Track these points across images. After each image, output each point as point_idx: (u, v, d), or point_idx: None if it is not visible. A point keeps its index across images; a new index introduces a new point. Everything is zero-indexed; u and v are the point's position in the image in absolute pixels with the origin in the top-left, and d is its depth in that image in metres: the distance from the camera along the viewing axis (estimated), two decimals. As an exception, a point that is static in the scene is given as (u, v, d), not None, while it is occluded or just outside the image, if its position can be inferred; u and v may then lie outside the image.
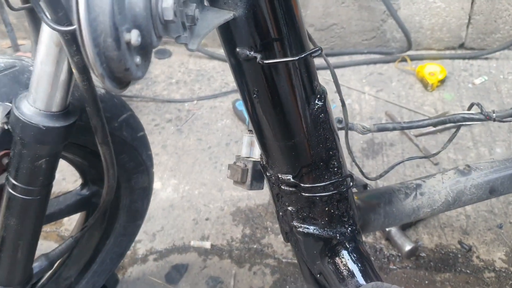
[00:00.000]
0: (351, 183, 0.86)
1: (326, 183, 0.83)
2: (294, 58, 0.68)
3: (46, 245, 1.65)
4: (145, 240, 1.61)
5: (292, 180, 0.82)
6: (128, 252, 1.55)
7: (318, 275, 0.93)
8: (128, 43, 0.48)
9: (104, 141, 0.80)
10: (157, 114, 2.10)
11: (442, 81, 2.09)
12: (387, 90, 2.12)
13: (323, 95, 0.77)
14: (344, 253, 0.89)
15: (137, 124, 1.11)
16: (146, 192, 1.24)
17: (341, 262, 0.89)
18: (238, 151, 1.14)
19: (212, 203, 1.71)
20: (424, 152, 1.80)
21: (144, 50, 0.52)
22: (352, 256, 0.89)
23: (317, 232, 0.88)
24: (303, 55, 0.68)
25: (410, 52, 2.25)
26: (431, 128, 1.88)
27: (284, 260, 1.51)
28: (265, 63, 0.66)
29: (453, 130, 1.26)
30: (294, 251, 0.98)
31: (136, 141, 1.10)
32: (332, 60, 2.31)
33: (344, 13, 2.22)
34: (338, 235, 0.88)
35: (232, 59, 0.70)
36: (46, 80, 0.70)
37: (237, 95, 2.14)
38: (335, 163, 0.83)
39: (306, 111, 0.76)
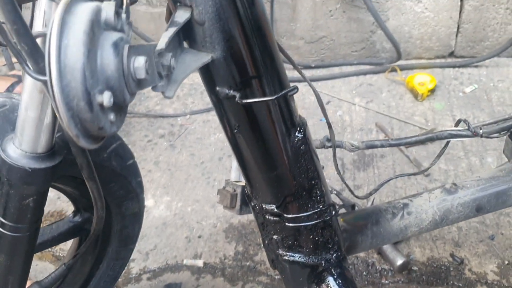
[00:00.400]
0: (334, 212, 0.87)
1: (310, 212, 0.84)
2: (271, 98, 0.69)
3: (41, 266, 1.66)
4: (138, 259, 1.62)
5: (275, 210, 0.83)
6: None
7: None
8: (101, 105, 0.49)
9: (90, 177, 0.81)
10: (150, 130, 2.11)
11: (432, 91, 2.11)
12: (377, 101, 2.13)
13: (303, 127, 0.78)
14: (330, 279, 0.90)
15: (126, 152, 1.12)
16: (136, 217, 1.25)
17: None
18: (230, 168, 1.15)
19: (205, 220, 1.72)
20: (414, 163, 1.81)
21: (118, 107, 0.53)
22: (337, 282, 0.90)
23: (303, 259, 0.89)
24: (279, 95, 0.69)
25: (400, 62, 2.26)
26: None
27: (277, 277, 1.52)
28: (244, 102, 0.68)
29: (443, 152, 1.27)
30: (282, 278, 0.99)
31: (126, 169, 1.11)
32: (323, 71, 2.32)
33: (333, 25, 2.24)
34: (323, 261, 0.90)
35: (213, 96, 0.72)
36: (31, 124, 0.71)
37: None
38: (318, 192, 0.84)
39: (287, 144, 0.77)
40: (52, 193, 0.86)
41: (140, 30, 2.36)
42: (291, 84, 0.75)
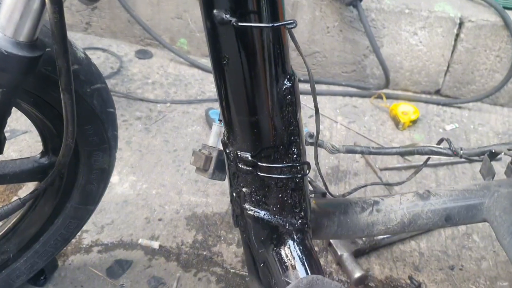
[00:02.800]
0: (307, 171, 0.85)
1: (283, 165, 0.82)
2: (268, 25, 0.68)
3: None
4: (92, 231, 1.55)
5: (250, 158, 0.81)
6: (73, 240, 1.50)
7: (262, 265, 0.91)
8: None
9: (67, 88, 0.77)
10: (127, 110, 2.07)
11: (414, 122, 2.12)
12: (359, 123, 2.13)
13: (293, 77, 0.77)
14: (290, 243, 0.88)
15: (109, 98, 1.09)
16: (104, 174, 1.20)
17: (286, 252, 0.87)
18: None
19: (168, 205, 1.67)
20: (386, 187, 1.80)
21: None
22: (297, 247, 0.87)
23: (267, 217, 0.87)
24: (276, 24, 0.68)
25: (386, 90, 2.28)
26: (397, 164, 1.89)
27: (232, 270, 1.47)
28: (240, 25, 0.66)
29: (420, 170, 1.26)
30: (242, 238, 0.96)
31: (105, 115, 1.07)
32: (311, 86, 2.32)
33: (328, 43, 2.25)
34: (287, 224, 0.87)
35: (208, 22, 0.70)
36: (18, 7, 0.69)
37: (212, 104, 2.12)
38: (295, 150, 0.82)
39: (274, 89, 0.75)
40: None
41: (136, 13, 2.33)
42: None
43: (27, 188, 1.66)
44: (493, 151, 1.13)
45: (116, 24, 2.47)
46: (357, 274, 1.44)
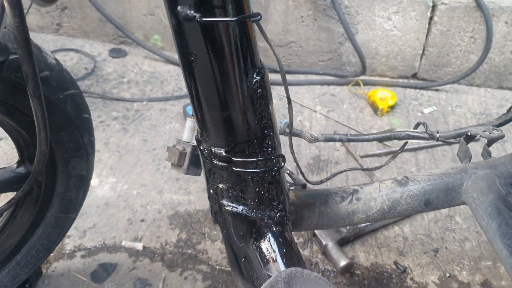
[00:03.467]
0: (283, 164, 0.84)
1: (258, 159, 0.81)
2: (232, 19, 0.66)
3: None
4: (74, 236, 1.53)
5: (224, 154, 0.80)
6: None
7: (243, 259, 0.91)
8: None
9: (35, 94, 0.75)
10: (104, 111, 2.04)
11: (392, 107, 2.12)
12: (338, 111, 2.13)
13: (262, 70, 0.76)
14: (270, 236, 0.87)
15: (83, 104, 1.07)
16: (83, 181, 1.18)
17: (266, 245, 0.87)
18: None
19: (150, 205, 1.66)
20: (367, 173, 1.80)
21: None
22: (277, 240, 0.87)
23: (246, 212, 0.86)
24: (241, 17, 0.67)
25: (363, 77, 2.28)
26: (377, 150, 1.89)
27: (217, 267, 1.46)
28: (204, 20, 0.65)
29: (398, 154, 1.26)
30: (222, 234, 0.95)
31: (79, 121, 1.05)
32: (288, 77, 2.31)
33: (303, 32, 2.24)
34: (266, 218, 0.86)
35: (173, 18, 0.68)
36: None
37: (189, 100, 2.10)
38: (269, 143, 0.82)
39: (244, 83, 0.74)
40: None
41: (107, 12, 2.30)
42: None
43: (6, 197, 1.63)
44: (469, 133, 1.13)
45: (87, 24, 2.43)
46: (343, 262, 1.44)
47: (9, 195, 1.49)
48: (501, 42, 2.14)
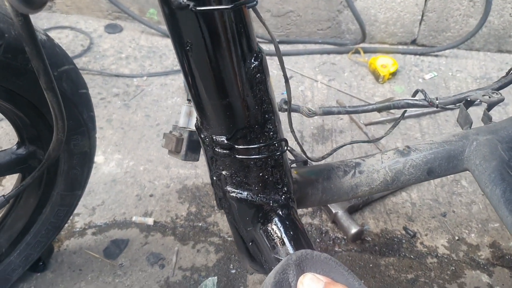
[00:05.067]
0: (286, 148, 0.83)
1: (260, 145, 0.80)
2: (226, 6, 0.64)
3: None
4: (84, 213, 1.53)
5: (226, 142, 0.79)
6: (65, 225, 1.47)
7: (250, 243, 0.91)
8: None
9: (49, 87, 0.74)
10: (104, 88, 2.02)
11: (393, 74, 2.12)
12: (339, 80, 2.12)
13: (260, 55, 0.73)
14: (277, 220, 0.87)
15: (79, 79, 1.04)
16: (86, 158, 1.17)
17: (273, 229, 0.87)
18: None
19: (158, 180, 1.65)
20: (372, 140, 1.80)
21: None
22: (284, 223, 0.87)
23: (250, 198, 0.85)
24: (236, 3, 0.64)
25: (363, 45, 2.27)
26: (381, 118, 1.89)
27: (229, 238, 1.47)
28: (198, 9, 0.62)
29: (402, 120, 1.26)
30: (228, 219, 0.95)
31: (77, 97, 1.03)
32: (287, 47, 2.30)
33: (301, 1, 2.21)
34: (271, 202, 0.86)
35: (165, 8, 0.65)
36: None
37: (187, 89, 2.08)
38: (271, 127, 0.80)
39: (242, 69, 0.72)
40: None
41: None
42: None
43: (11, 177, 1.62)
44: (469, 99, 1.12)
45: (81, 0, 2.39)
46: (353, 230, 1.45)
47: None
48: (500, 4, 2.13)
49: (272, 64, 2.14)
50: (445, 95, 2.05)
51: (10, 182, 1.62)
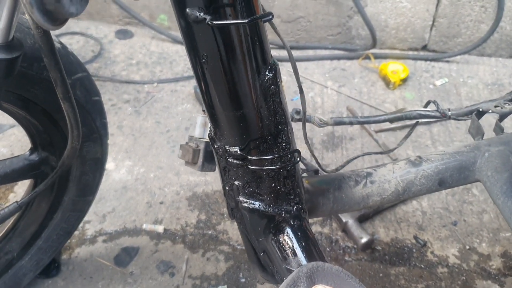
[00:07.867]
0: (298, 159, 0.84)
1: (273, 155, 0.80)
2: (244, 21, 0.64)
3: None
4: (94, 221, 1.54)
5: (239, 152, 0.79)
6: (76, 233, 1.49)
7: (262, 254, 0.92)
8: None
9: (66, 97, 0.75)
10: (114, 94, 2.03)
11: (404, 80, 2.11)
12: (349, 86, 2.12)
13: (274, 67, 0.74)
14: (289, 230, 0.87)
15: (92, 87, 1.06)
16: (98, 164, 1.18)
17: (285, 239, 0.87)
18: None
19: (168, 187, 1.66)
20: (383, 148, 1.80)
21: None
22: (296, 234, 0.87)
23: (263, 208, 0.86)
24: (253, 18, 0.65)
25: (374, 50, 2.26)
26: (392, 125, 1.89)
27: (239, 247, 1.47)
28: (214, 24, 0.63)
29: (410, 135, 1.26)
30: (239, 229, 0.96)
31: (90, 104, 1.04)
32: (297, 53, 2.30)
33: (311, 7, 2.21)
34: (283, 212, 0.86)
35: (182, 21, 0.66)
36: None
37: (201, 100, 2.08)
38: (284, 138, 0.81)
39: (256, 81, 0.73)
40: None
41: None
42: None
43: (23, 184, 1.63)
44: (480, 109, 1.12)
45: (91, 5, 2.40)
46: (364, 239, 1.45)
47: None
48: (512, 10, 2.12)
49: (282, 69, 2.14)
50: (456, 101, 2.04)
51: (22, 188, 1.63)
